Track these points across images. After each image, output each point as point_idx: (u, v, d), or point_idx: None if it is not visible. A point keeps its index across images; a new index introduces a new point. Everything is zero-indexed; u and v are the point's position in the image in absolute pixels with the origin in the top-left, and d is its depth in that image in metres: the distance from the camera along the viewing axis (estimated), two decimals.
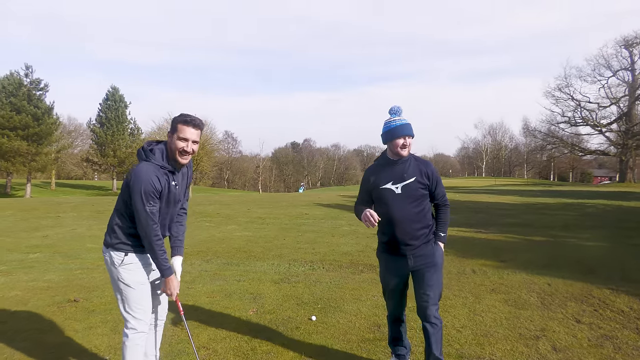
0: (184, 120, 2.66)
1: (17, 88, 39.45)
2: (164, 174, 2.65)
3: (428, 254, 3.00)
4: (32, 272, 6.41)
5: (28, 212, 15.18)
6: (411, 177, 2.97)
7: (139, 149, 2.72)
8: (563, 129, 51.96)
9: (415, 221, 2.98)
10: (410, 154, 3.03)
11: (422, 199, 3.00)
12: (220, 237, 9.64)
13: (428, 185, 3.02)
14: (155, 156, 2.66)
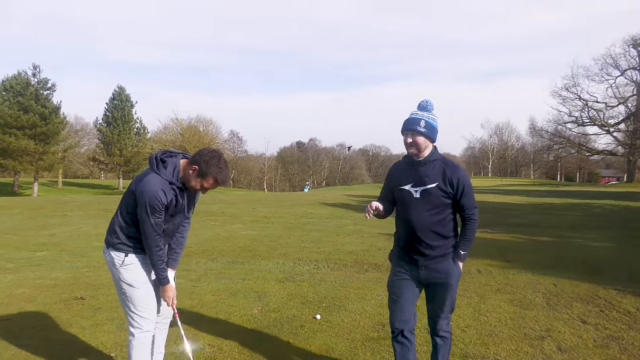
0: (215, 179, 2.60)
1: (24, 88, 39.76)
2: (171, 189, 2.61)
3: (442, 271, 2.69)
4: (39, 270, 6.47)
5: (35, 210, 15.31)
6: (433, 182, 2.64)
7: (151, 156, 2.66)
8: (570, 129, 51.66)
9: (432, 230, 2.67)
10: (439, 155, 2.71)
11: (444, 208, 2.67)
12: (225, 235, 9.68)
13: (452, 193, 2.66)
14: (167, 170, 2.61)
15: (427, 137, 2.65)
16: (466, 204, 2.68)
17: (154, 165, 2.60)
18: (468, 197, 2.67)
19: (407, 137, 2.66)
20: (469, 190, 2.67)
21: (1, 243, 8.86)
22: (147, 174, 2.61)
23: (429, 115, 2.69)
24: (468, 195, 2.67)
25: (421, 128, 2.64)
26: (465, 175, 2.69)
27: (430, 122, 2.67)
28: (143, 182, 2.56)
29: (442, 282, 2.70)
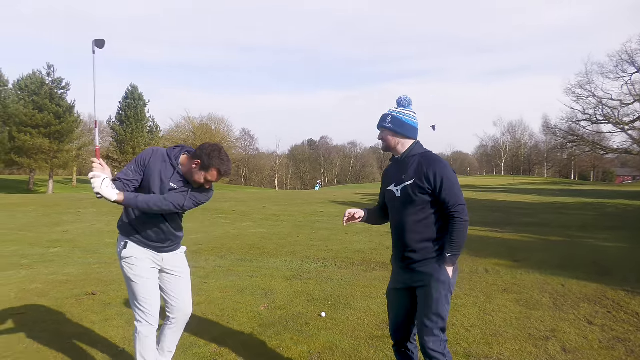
0: (220, 171, 2.68)
1: (39, 87, 40.45)
2: (170, 164, 2.73)
3: (425, 275, 2.49)
4: (52, 266, 6.61)
5: (50, 207, 15.60)
6: (409, 179, 2.50)
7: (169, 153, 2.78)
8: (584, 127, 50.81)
9: (413, 231, 2.51)
10: (420, 150, 2.58)
11: (424, 206, 2.49)
12: (235, 233, 9.77)
13: (430, 189, 2.46)
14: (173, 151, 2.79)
15: (396, 132, 2.57)
16: (447, 201, 2.44)
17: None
18: (448, 192, 2.43)
19: (379, 134, 2.66)
20: (448, 184, 2.44)
21: (16, 240, 9.06)
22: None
23: (400, 110, 2.61)
24: (448, 190, 2.44)
25: (387, 124, 2.59)
26: (443, 167, 2.47)
27: (399, 117, 2.58)
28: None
29: (424, 287, 2.49)
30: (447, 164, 2.52)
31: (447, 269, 2.47)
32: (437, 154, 2.58)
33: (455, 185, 2.47)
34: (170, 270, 2.92)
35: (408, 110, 2.62)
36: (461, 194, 2.47)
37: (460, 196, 2.46)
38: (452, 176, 2.47)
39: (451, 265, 2.48)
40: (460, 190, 2.48)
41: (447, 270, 2.47)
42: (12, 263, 6.83)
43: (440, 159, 2.53)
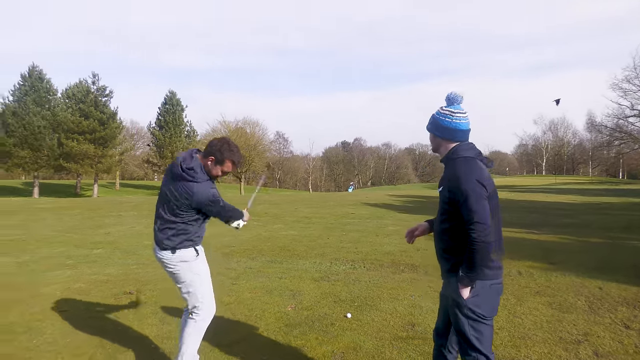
0: (233, 161, 3.05)
1: (85, 95, 42.52)
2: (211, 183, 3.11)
3: (450, 287, 2.40)
4: (94, 266, 6.97)
5: (93, 211, 16.37)
6: (442, 185, 2.45)
7: (183, 167, 2.96)
8: (633, 124, 48.34)
9: (439, 240, 2.48)
10: (461, 153, 2.40)
11: (447, 216, 2.36)
12: (266, 235, 9.95)
13: (451, 199, 2.32)
14: (198, 174, 2.98)
15: (434, 135, 2.50)
16: (463, 215, 2.25)
17: (187, 176, 3.00)
18: (464, 207, 2.24)
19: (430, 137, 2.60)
20: (463, 199, 2.23)
21: (63, 241, 9.58)
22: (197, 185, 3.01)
23: (442, 110, 2.47)
24: (464, 205, 2.24)
25: (429, 125, 2.54)
26: (462, 177, 2.27)
27: (438, 118, 2.47)
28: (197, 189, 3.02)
29: (450, 301, 2.42)
30: (472, 172, 2.29)
31: (461, 288, 2.31)
32: (471, 163, 2.35)
33: (471, 199, 2.22)
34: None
35: (449, 110, 2.45)
36: (481, 210, 2.20)
37: (480, 212, 2.20)
38: (469, 188, 2.23)
39: (464, 286, 2.30)
40: (480, 205, 2.21)
41: (462, 291, 2.31)
42: (58, 263, 7.24)
43: (467, 166, 2.33)
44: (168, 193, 2.99)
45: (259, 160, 47.69)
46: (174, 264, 3.05)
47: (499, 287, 2.38)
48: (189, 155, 3.01)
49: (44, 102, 41.78)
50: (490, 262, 2.30)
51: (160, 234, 3.03)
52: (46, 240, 9.58)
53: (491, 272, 2.33)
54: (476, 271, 2.25)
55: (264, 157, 51.34)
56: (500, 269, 2.40)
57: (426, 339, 3.84)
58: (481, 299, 2.31)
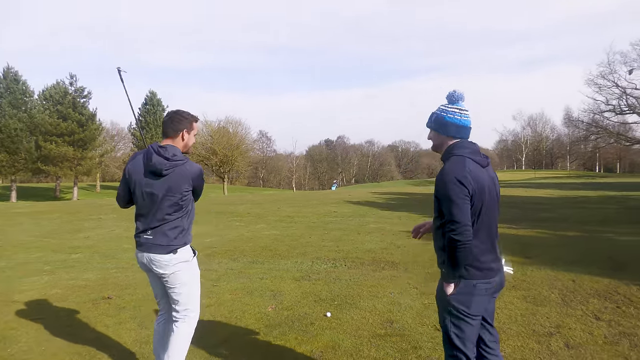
0: (196, 119, 3.01)
1: (62, 96, 41.75)
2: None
3: (439, 284, 2.44)
4: (72, 271, 6.86)
5: (73, 214, 16.08)
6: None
7: (167, 155, 2.81)
8: (608, 118, 49.47)
9: (434, 237, 2.48)
10: (455, 151, 2.39)
11: (440, 214, 2.35)
12: (248, 236, 9.93)
13: (437, 196, 2.36)
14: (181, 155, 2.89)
15: (436, 132, 2.46)
16: (444, 212, 2.28)
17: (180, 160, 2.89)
18: (443, 205, 2.28)
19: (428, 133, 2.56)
20: (444, 195, 2.26)
21: (40, 246, 9.40)
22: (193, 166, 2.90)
23: (445, 107, 2.46)
24: (443, 203, 2.28)
25: (430, 122, 2.49)
26: (442, 177, 2.30)
27: (442, 115, 2.43)
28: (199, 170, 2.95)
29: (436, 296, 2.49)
30: (455, 171, 2.27)
31: (444, 285, 2.35)
32: (458, 161, 2.33)
33: (448, 198, 2.24)
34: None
35: (453, 107, 2.44)
36: (456, 210, 2.21)
37: (455, 211, 2.21)
38: (447, 187, 2.25)
39: (446, 282, 2.33)
40: (455, 206, 2.22)
41: (445, 287, 2.34)
42: (36, 269, 7.11)
43: (451, 164, 2.32)
44: (155, 192, 2.78)
45: (242, 160, 47.42)
46: (174, 264, 2.87)
47: (487, 287, 2.35)
48: (156, 147, 2.83)
49: (20, 104, 40.89)
50: (475, 262, 2.29)
51: (160, 238, 2.83)
52: (23, 246, 9.38)
53: (479, 273, 2.31)
54: (456, 269, 2.26)
55: (247, 157, 51.08)
56: (492, 270, 2.36)
57: (404, 335, 3.90)
58: (465, 297, 2.31)
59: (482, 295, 2.35)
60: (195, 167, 2.89)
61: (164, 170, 2.76)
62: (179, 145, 2.91)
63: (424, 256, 7.18)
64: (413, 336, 3.88)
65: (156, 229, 2.84)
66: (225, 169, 45.79)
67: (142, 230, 2.88)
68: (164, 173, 2.77)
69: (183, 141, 2.92)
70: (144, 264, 2.93)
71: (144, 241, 2.88)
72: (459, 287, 2.32)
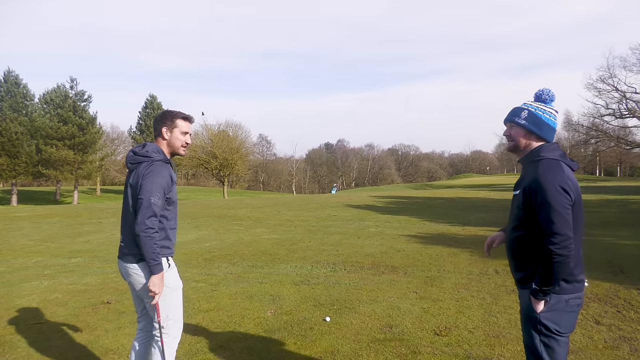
0: (184, 116, 2.78)
1: (63, 100, 41.77)
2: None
3: (524, 299, 2.22)
4: (72, 276, 6.86)
5: (73, 218, 16.07)
6: (521, 187, 2.19)
7: (144, 155, 2.66)
8: (608, 122, 49.50)
9: (512, 248, 2.26)
10: (549, 153, 2.17)
11: (522, 222, 2.16)
12: (248, 240, 9.92)
13: (527, 204, 2.11)
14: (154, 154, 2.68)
15: (530, 131, 2.22)
16: (541, 223, 2.04)
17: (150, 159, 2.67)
18: (542, 215, 2.04)
19: (505, 130, 2.33)
20: (544, 205, 2.02)
21: (40, 251, 9.40)
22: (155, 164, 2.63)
23: (539, 105, 2.25)
24: (542, 213, 2.03)
25: (521, 120, 2.24)
26: (547, 182, 2.04)
27: (538, 113, 2.23)
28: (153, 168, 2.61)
29: (523, 315, 2.27)
30: (556, 178, 2.05)
31: (533, 302, 2.13)
32: (555, 165, 2.11)
33: (553, 207, 2.01)
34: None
35: (549, 107, 2.26)
36: (561, 220, 1.99)
37: (559, 222, 1.99)
38: (552, 195, 2.02)
39: (537, 300, 2.11)
40: (559, 216, 2.00)
41: (535, 305, 2.12)
42: (36, 274, 7.10)
43: (550, 171, 2.08)
44: (128, 191, 2.66)
45: (242, 164, 47.39)
46: (143, 275, 2.62)
47: (579, 302, 2.17)
48: (141, 146, 2.73)
49: (21, 108, 40.95)
50: (569, 276, 2.10)
51: (129, 246, 2.62)
52: (23, 250, 9.39)
53: (570, 287, 2.12)
54: (552, 286, 2.06)
55: (247, 160, 51.05)
56: (581, 282, 2.17)
57: (403, 340, 3.89)
58: (556, 315, 2.11)
59: (574, 312, 2.17)
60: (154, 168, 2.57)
61: (128, 164, 2.64)
62: (162, 144, 2.74)
63: (423, 260, 7.17)
64: (412, 341, 3.87)
65: (126, 234, 2.64)
66: (225, 172, 45.71)
67: (121, 234, 2.75)
68: (128, 167, 2.65)
69: (165, 140, 2.74)
70: (121, 272, 2.77)
71: (120, 248, 2.73)
72: (550, 304, 2.11)
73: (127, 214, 2.65)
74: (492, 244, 2.55)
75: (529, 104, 2.28)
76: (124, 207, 2.70)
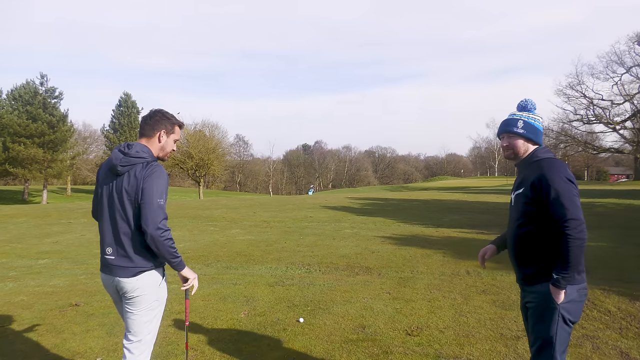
0: (180, 124, 2.65)
1: (32, 97, 40.46)
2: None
3: (535, 293, 2.32)
4: (39, 278, 6.66)
5: (41, 218, 15.59)
6: (525, 185, 2.35)
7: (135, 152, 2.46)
8: (576, 127, 51.25)
9: (519, 245, 2.38)
10: (545, 154, 2.38)
11: (531, 218, 2.30)
12: (223, 241, 9.84)
13: (537, 199, 2.26)
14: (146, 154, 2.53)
15: (527, 138, 2.41)
16: (555, 214, 2.19)
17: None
18: (556, 204, 2.18)
19: (503, 140, 2.48)
20: (556, 195, 2.19)
21: (5, 252, 9.09)
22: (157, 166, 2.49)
23: (529, 115, 2.46)
24: (556, 202, 2.18)
25: (519, 129, 2.42)
26: (554, 175, 2.22)
27: (530, 122, 2.43)
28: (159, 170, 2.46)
29: (530, 306, 2.38)
30: (562, 171, 2.25)
31: (555, 292, 2.21)
32: (558, 162, 2.31)
33: (565, 195, 2.18)
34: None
35: (535, 115, 2.48)
36: (574, 207, 2.17)
37: (573, 209, 2.16)
38: (562, 186, 2.20)
39: (559, 289, 2.20)
40: (573, 202, 2.18)
41: (558, 295, 2.21)
42: (0, 275, 6.86)
43: (555, 166, 2.27)
44: (114, 195, 2.45)
45: (218, 164, 46.91)
46: (138, 288, 2.46)
47: (585, 292, 2.32)
48: (124, 144, 2.50)
49: None
50: (579, 265, 2.21)
51: (121, 258, 2.44)
52: None
53: (579, 277, 2.25)
54: (572, 271, 2.17)
55: (224, 161, 50.57)
56: (584, 273, 2.31)
57: (375, 340, 3.94)
58: (571, 305, 2.24)
59: (582, 302, 2.30)
60: (155, 169, 2.42)
61: (118, 166, 2.40)
62: (153, 146, 2.55)
63: (397, 261, 7.26)
64: (384, 341, 3.91)
65: (120, 245, 2.44)
66: (201, 172, 45.18)
67: (103, 246, 2.51)
68: (118, 170, 2.41)
69: (159, 143, 2.57)
70: (108, 288, 2.61)
71: (106, 262, 2.51)
72: (567, 294, 2.22)
73: (119, 222, 2.43)
74: (485, 256, 2.71)
75: (519, 114, 2.47)
76: (109, 216, 2.46)
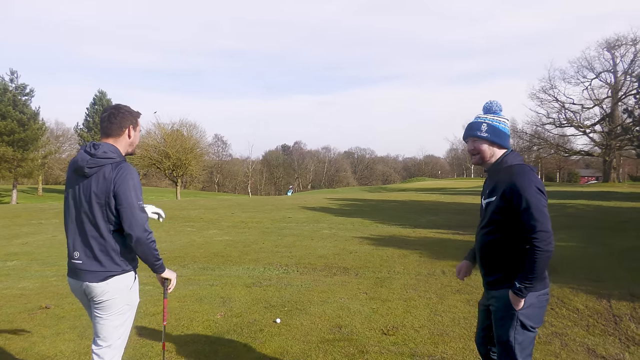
0: (139, 114, 2.61)
1: (2, 94, 39.10)
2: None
3: (498, 298, 2.31)
4: (7, 280, 6.45)
5: (10, 219, 15.10)
6: (493, 194, 2.32)
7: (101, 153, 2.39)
8: (549, 130, 52.72)
9: (485, 251, 2.37)
10: (515, 160, 2.33)
11: (498, 226, 2.27)
12: (200, 242, 9.73)
13: (506, 207, 2.21)
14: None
15: (492, 142, 2.34)
16: (526, 224, 2.15)
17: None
18: (526, 215, 2.13)
19: (468, 144, 2.42)
20: (527, 205, 2.13)
21: None
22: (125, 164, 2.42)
23: (494, 117, 2.38)
24: (526, 213, 2.13)
25: (482, 133, 2.35)
26: (526, 184, 2.16)
27: (495, 125, 2.36)
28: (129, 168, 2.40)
29: (492, 309, 2.39)
30: (532, 180, 2.18)
31: (514, 300, 2.21)
32: (530, 167, 2.27)
33: (535, 207, 2.13)
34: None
35: (502, 117, 2.41)
36: (544, 218, 2.13)
37: (543, 220, 2.13)
38: (533, 196, 2.15)
39: (519, 298, 2.19)
40: (542, 214, 2.14)
41: (516, 302, 2.21)
42: None
43: (525, 173, 2.22)
44: (82, 196, 2.37)
45: (196, 164, 46.34)
46: (108, 292, 2.40)
47: (547, 298, 2.32)
48: (90, 144, 2.42)
49: None
50: (542, 274, 2.22)
51: (90, 262, 2.37)
52: None
53: (540, 284, 2.25)
54: (533, 282, 2.16)
55: (202, 161, 49.99)
56: (547, 279, 2.31)
57: (351, 340, 3.97)
58: (532, 310, 2.24)
59: (544, 307, 2.31)
60: (126, 170, 2.36)
61: (85, 168, 2.34)
62: (122, 144, 2.49)
63: (374, 262, 7.32)
64: (360, 340, 3.95)
65: (88, 249, 2.37)
66: (178, 172, 44.55)
67: (71, 250, 2.43)
68: (86, 172, 2.34)
69: (129, 139, 2.52)
70: (76, 293, 2.54)
71: (74, 266, 2.42)
72: (526, 301, 2.22)
73: (86, 226, 2.37)
74: (460, 273, 2.73)
75: (483, 117, 2.40)
76: (76, 219, 2.40)
